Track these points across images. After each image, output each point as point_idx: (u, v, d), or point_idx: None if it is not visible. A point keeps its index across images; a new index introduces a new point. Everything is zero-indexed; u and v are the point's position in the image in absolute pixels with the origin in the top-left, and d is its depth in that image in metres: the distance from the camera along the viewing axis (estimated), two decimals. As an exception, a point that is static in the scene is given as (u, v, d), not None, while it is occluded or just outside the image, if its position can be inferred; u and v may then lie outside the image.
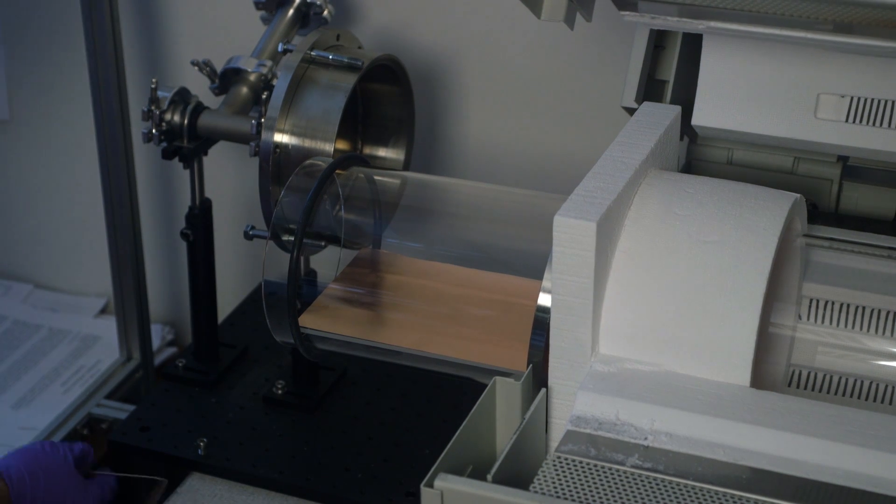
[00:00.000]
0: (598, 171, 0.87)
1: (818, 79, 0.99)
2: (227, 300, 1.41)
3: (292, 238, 1.05)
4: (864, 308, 0.95)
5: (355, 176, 1.09)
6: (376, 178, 1.12)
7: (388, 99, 1.20)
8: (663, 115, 0.94)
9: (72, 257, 1.64)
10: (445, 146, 1.43)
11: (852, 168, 1.08)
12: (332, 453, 1.19)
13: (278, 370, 1.29)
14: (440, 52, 1.38)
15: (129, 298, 1.42)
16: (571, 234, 0.81)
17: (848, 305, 0.95)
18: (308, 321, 1.01)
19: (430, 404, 1.25)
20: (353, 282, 1.07)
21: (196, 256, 1.24)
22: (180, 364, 1.28)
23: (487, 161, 1.42)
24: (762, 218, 0.85)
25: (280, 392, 1.25)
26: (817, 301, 0.96)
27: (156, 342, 1.55)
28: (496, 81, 1.38)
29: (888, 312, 0.94)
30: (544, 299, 0.86)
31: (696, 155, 1.11)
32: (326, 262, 1.10)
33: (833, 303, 0.95)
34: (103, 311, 1.62)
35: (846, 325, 0.95)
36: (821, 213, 1.08)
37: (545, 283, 0.87)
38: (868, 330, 0.95)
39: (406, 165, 1.22)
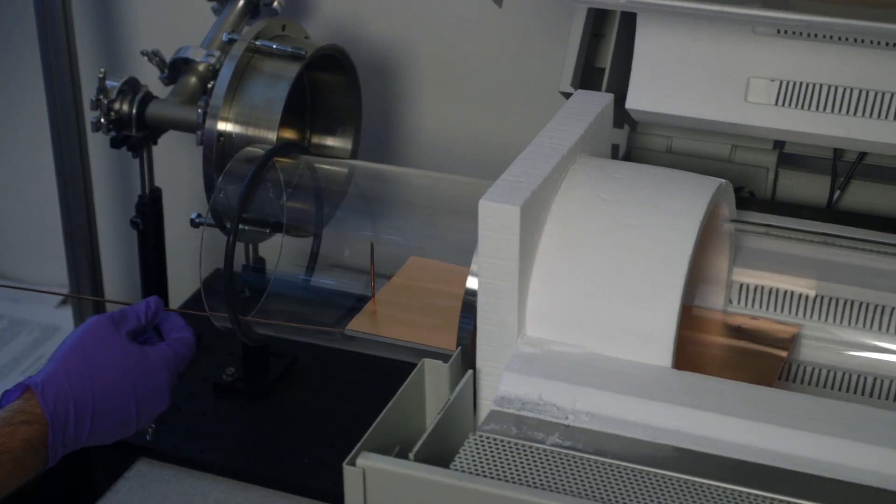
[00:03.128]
0: (525, 157, 0.88)
1: (749, 63, 1.01)
2: (183, 288, 1.42)
3: (245, 227, 1.07)
4: (792, 293, 0.96)
5: (302, 164, 1.10)
6: (323, 166, 1.14)
7: (335, 89, 1.21)
8: (595, 102, 0.95)
9: (33, 248, 1.65)
10: (400, 136, 1.44)
11: (788, 156, 1.10)
12: (280, 439, 1.20)
13: (230, 358, 1.30)
14: (393, 44, 1.40)
15: (85, 287, 1.43)
16: (496, 218, 0.82)
17: (777, 290, 0.97)
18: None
19: (380, 392, 1.25)
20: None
21: (146, 245, 1.25)
22: (132, 352, 1.29)
23: (442, 150, 1.44)
24: (685, 202, 0.86)
25: (230, 379, 1.26)
26: (747, 286, 0.97)
27: (116, 332, 1.56)
28: (450, 71, 1.40)
29: (816, 297, 0.96)
30: (472, 283, 0.88)
31: (636, 143, 1.13)
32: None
33: (762, 287, 0.97)
34: (64, 301, 1.63)
35: (776, 310, 0.97)
36: (758, 200, 1.10)
37: (473, 266, 0.88)
38: (797, 314, 0.97)
39: (354, 154, 1.23)
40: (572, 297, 0.85)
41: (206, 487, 1.15)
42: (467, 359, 0.87)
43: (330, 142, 1.22)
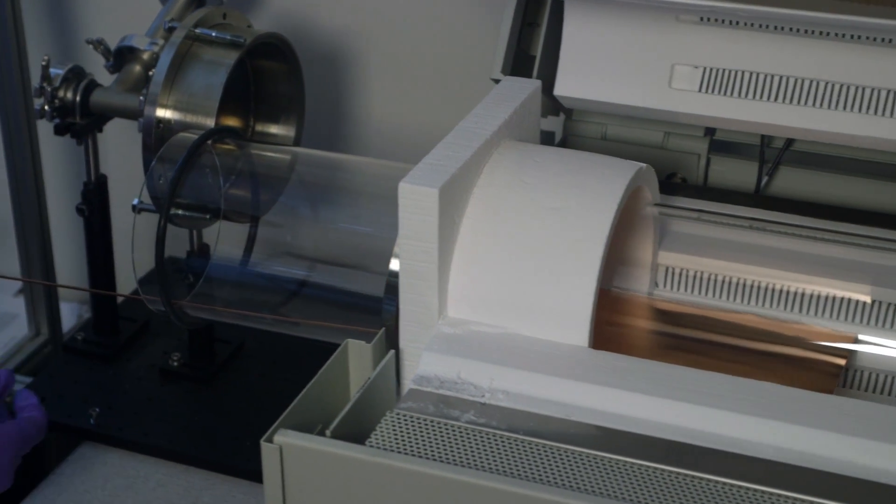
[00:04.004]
0: (449, 141, 0.90)
1: (673, 50, 1.03)
2: (131, 275, 1.43)
3: (181, 211, 1.08)
4: (716, 276, 0.98)
5: (244, 151, 1.12)
6: (264, 153, 1.15)
7: (278, 77, 1.22)
8: (522, 88, 0.97)
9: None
10: (348, 124, 1.46)
11: (719, 142, 1.12)
12: (225, 423, 1.21)
13: (177, 343, 1.31)
14: (341, 33, 1.41)
15: (36, 274, 1.44)
16: (415, 200, 0.84)
17: (702, 273, 0.99)
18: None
19: (325, 376, 1.28)
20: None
21: (92, 231, 1.26)
22: (80, 337, 1.31)
23: (390, 139, 1.45)
24: (604, 185, 0.88)
25: (176, 364, 1.28)
26: (673, 269, 0.99)
27: (72, 321, 1.58)
28: (398, 61, 1.41)
29: (739, 281, 0.97)
30: (395, 265, 0.89)
31: (571, 130, 1.14)
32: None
33: (687, 271, 0.99)
34: (22, 290, 1.64)
35: (700, 293, 0.99)
36: (689, 185, 1.12)
37: (396, 248, 0.90)
38: (721, 297, 0.98)
39: (297, 142, 1.25)
40: (492, 278, 0.86)
41: (148, 470, 1.17)
42: (391, 340, 0.89)
43: (273, 129, 1.24)
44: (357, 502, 0.78)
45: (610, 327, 0.95)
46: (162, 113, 1.12)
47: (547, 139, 1.15)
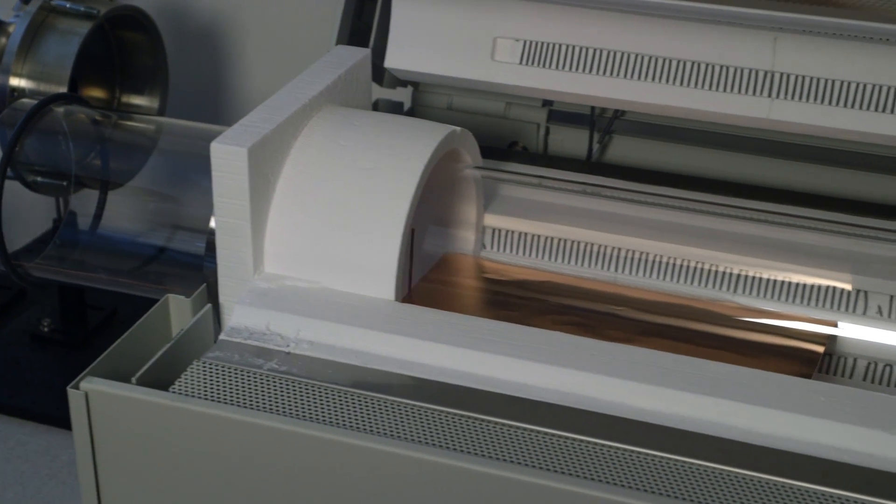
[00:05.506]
0: (267, 105, 0.93)
1: (496, 24, 1.07)
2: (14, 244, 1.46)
3: (39, 178, 1.12)
4: (540, 237, 1.02)
5: (107, 121, 1.15)
6: (127, 122, 1.19)
7: (140, 49, 1.26)
8: (350, 56, 1.01)
9: None
10: (229, 95, 1.49)
11: (557, 112, 1.16)
12: (90, 386, 1.25)
13: (49, 309, 1.34)
14: (222, 6, 1.44)
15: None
16: (227, 160, 0.87)
17: (526, 235, 1.03)
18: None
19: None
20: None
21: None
22: (-48, 305, 1.34)
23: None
24: (414, 146, 0.91)
25: (46, 329, 1.31)
26: (499, 231, 1.03)
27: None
28: (276, 33, 1.45)
29: (562, 241, 1.01)
30: (213, 222, 0.93)
31: (419, 101, 1.18)
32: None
33: (513, 232, 1.03)
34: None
35: (527, 254, 1.03)
36: (529, 153, 1.16)
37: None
38: (547, 258, 1.03)
39: (161, 112, 1.28)
40: (305, 235, 0.90)
41: (10, 430, 1.20)
42: (213, 295, 0.93)
43: (137, 100, 1.27)
44: (161, 447, 0.82)
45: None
46: (16, 82, 1.15)
47: (396, 109, 1.19)
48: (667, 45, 1.03)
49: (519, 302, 0.99)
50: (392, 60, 1.09)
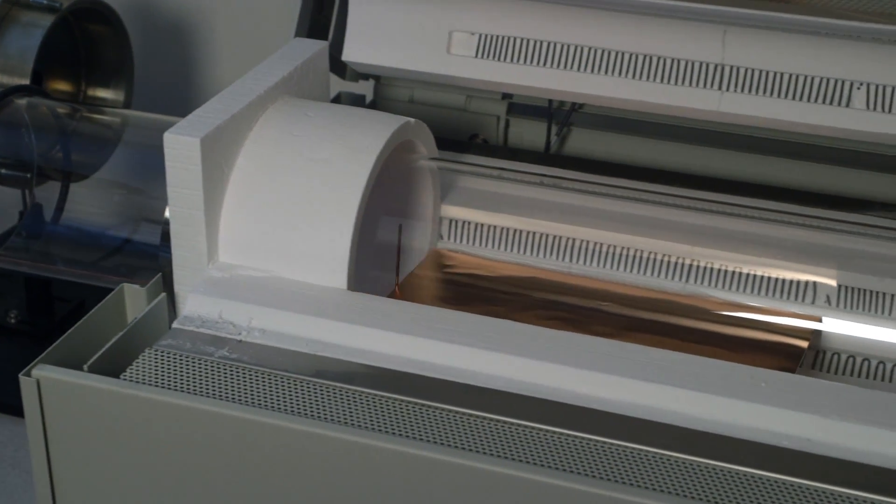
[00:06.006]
0: (222, 95, 0.94)
1: (451, 17, 1.08)
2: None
3: (3, 170, 1.12)
4: (496, 227, 1.03)
5: (75, 113, 1.16)
6: (93, 115, 1.20)
7: (106, 42, 1.27)
8: (307, 48, 1.02)
9: None
10: (196, 89, 1.50)
11: (516, 105, 1.17)
12: (56, 377, 1.25)
13: (14, 301, 1.35)
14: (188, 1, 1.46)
15: None
16: (179, 150, 0.88)
17: (483, 225, 1.04)
18: None
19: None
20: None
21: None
22: (-80, 296, 1.35)
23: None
24: (367, 138, 0.93)
25: (13, 321, 1.32)
26: (456, 221, 1.04)
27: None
28: (242, 27, 1.46)
29: (517, 232, 1.03)
30: (167, 212, 0.94)
31: (381, 94, 1.19)
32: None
33: (469, 223, 1.04)
34: None
35: (483, 244, 1.04)
36: (489, 146, 1.17)
37: (170, 197, 0.94)
38: (504, 249, 1.04)
39: (127, 105, 1.29)
40: (259, 225, 0.91)
41: (-26, 420, 1.21)
42: (168, 285, 0.94)
43: (103, 93, 1.28)
44: (112, 434, 0.83)
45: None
46: (-21, 74, 1.16)
47: (358, 102, 1.20)
48: (620, 38, 1.04)
49: (504, 297, 1.00)
50: (349, 54, 1.11)
